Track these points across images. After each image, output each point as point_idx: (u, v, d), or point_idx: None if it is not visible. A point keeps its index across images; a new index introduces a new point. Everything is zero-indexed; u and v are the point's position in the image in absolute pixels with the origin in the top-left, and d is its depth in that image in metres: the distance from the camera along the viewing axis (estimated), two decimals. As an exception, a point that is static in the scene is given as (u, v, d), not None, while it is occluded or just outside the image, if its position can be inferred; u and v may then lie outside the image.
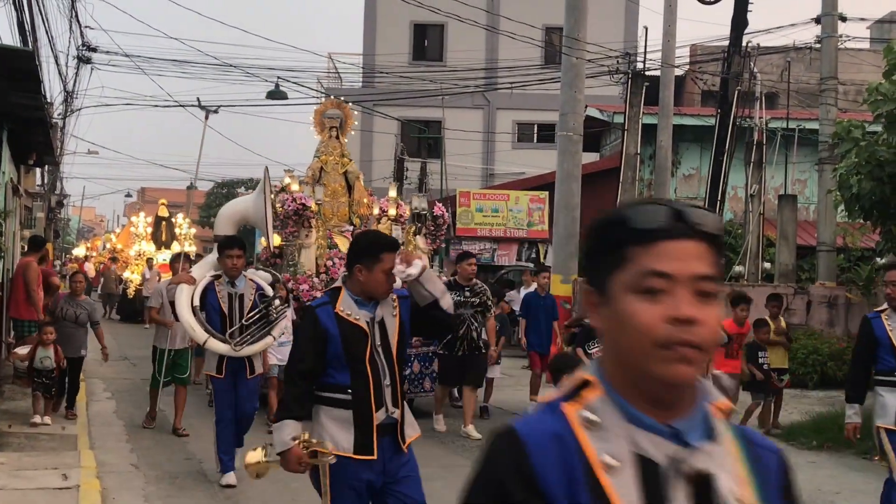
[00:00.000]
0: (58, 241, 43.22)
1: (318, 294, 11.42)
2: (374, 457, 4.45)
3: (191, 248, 28.41)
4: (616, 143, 24.57)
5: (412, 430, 4.67)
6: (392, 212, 12.94)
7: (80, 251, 43.07)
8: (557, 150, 16.23)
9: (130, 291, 26.67)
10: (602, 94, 26.65)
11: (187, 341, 10.32)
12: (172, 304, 9.07)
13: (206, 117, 11.52)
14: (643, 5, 34.83)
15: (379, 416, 4.47)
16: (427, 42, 35.89)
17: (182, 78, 23.05)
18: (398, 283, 4.60)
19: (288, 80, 23.70)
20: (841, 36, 19.35)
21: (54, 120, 20.71)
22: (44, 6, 14.76)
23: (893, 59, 10.99)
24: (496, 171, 34.14)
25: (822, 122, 18.79)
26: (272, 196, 14.11)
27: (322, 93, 32.16)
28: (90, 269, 33.31)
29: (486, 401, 12.35)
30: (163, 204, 29.23)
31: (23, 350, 10.85)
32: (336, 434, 4.45)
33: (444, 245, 18.08)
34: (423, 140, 32.44)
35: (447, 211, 14.02)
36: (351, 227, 13.09)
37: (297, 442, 4.37)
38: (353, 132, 14.17)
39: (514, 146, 35.17)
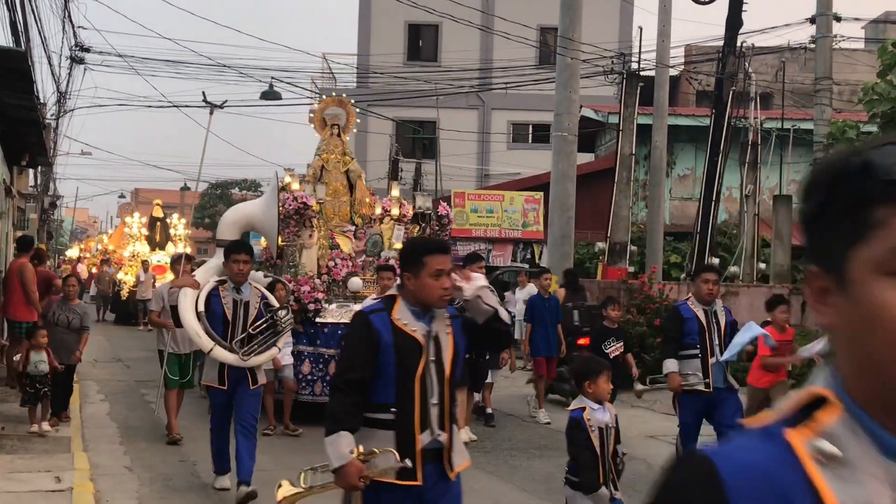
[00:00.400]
0: (51, 243, 43.13)
1: (320, 296, 11.39)
2: (419, 482, 4.09)
3: (185, 250, 28.30)
4: (611, 144, 24.58)
5: (461, 457, 4.31)
6: (395, 211, 12.72)
7: (73, 252, 42.99)
8: (552, 151, 16.24)
9: (124, 293, 26.37)
10: (597, 94, 26.64)
11: (194, 345, 10.19)
12: (175, 307, 8.71)
13: (211, 112, 11.13)
14: (638, 5, 34.89)
15: (423, 439, 4.12)
16: (422, 42, 35.88)
17: (176, 78, 23.04)
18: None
19: (282, 81, 23.70)
20: (835, 36, 19.41)
21: (47, 121, 20.65)
22: (36, 6, 14.74)
23: (888, 59, 11.01)
24: (491, 172, 34.14)
25: (817, 123, 18.83)
26: None
27: (316, 93, 32.15)
28: (83, 270, 33.19)
29: (484, 403, 12.19)
30: (157, 204, 29.01)
31: (16, 357, 10.64)
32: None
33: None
34: (417, 140, 32.42)
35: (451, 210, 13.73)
36: (353, 227, 12.84)
37: (354, 454, 4.00)
38: (354, 130, 13.96)
39: (508, 146, 35.18)
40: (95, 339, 21.42)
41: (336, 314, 11.46)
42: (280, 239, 11.90)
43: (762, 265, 19.84)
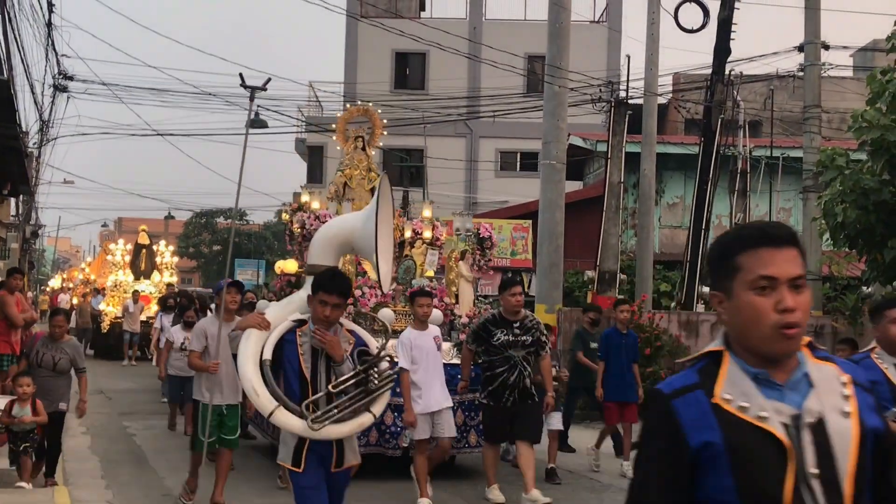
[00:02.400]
0: (32, 273, 42.92)
1: (349, 333, 9.56)
2: None
3: (172, 279, 27.76)
4: (599, 172, 24.67)
5: None
6: (427, 234, 11.49)
7: (55, 283, 42.78)
8: (540, 179, 16.28)
9: (105, 325, 25.20)
10: (585, 122, 26.77)
11: (238, 395, 8.55)
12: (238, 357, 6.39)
13: (252, 98, 9.13)
14: (625, 34, 35.19)
15: None
16: (409, 70, 36.04)
17: (160, 107, 23.10)
18: None
19: (268, 109, 23.76)
20: (824, 64, 19.54)
21: (30, 149, 20.65)
22: (19, 34, 14.74)
23: (877, 87, 11.08)
24: (479, 200, 34.18)
25: (806, 151, 18.92)
26: (287, 215, 11.96)
27: (302, 121, 32.22)
28: (65, 301, 32.76)
29: (552, 461, 10.45)
30: (143, 230, 28.04)
31: None
32: None
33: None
34: (405, 169, 32.48)
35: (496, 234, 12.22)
36: None
37: None
38: (380, 144, 12.94)
39: (496, 175, 35.27)
40: (77, 371, 21.27)
41: None
42: (295, 263, 10.76)
43: (752, 294, 19.86)
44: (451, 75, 31.96)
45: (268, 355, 5.57)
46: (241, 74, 8.46)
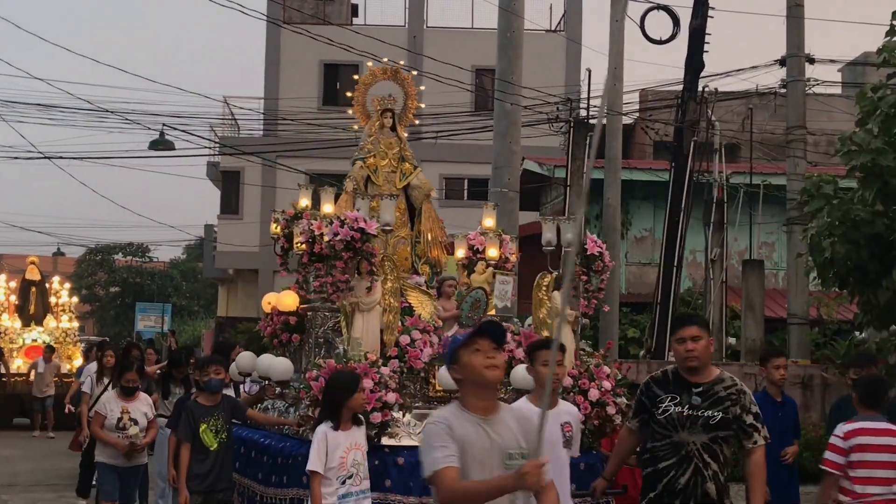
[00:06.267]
0: None
1: (392, 397, 7.58)
2: None
3: (73, 325, 26.31)
4: (558, 201, 24.84)
5: None
6: (492, 253, 9.24)
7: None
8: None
9: None
10: (541, 144, 26.98)
11: None
12: None
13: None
14: (586, 45, 35.61)
15: None
16: (339, 84, 36.06)
17: (47, 125, 22.82)
18: None
19: (175, 128, 23.61)
20: (809, 80, 19.90)
21: None
22: None
23: (867, 106, 11.26)
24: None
25: (790, 177, 19.24)
26: (277, 227, 9.66)
27: (215, 142, 32.06)
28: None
29: None
30: (32, 263, 26.38)
31: None
32: None
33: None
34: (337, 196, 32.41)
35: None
36: (421, 279, 9.53)
37: None
38: (416, 121, 10.97)
39: (441, 204, 35.28)
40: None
41: (416, 432, 7.60)
42: (293, 297, 8.77)
43: (731, 339, 20.07)
44: (388, 90, 32.04)
45: None
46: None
